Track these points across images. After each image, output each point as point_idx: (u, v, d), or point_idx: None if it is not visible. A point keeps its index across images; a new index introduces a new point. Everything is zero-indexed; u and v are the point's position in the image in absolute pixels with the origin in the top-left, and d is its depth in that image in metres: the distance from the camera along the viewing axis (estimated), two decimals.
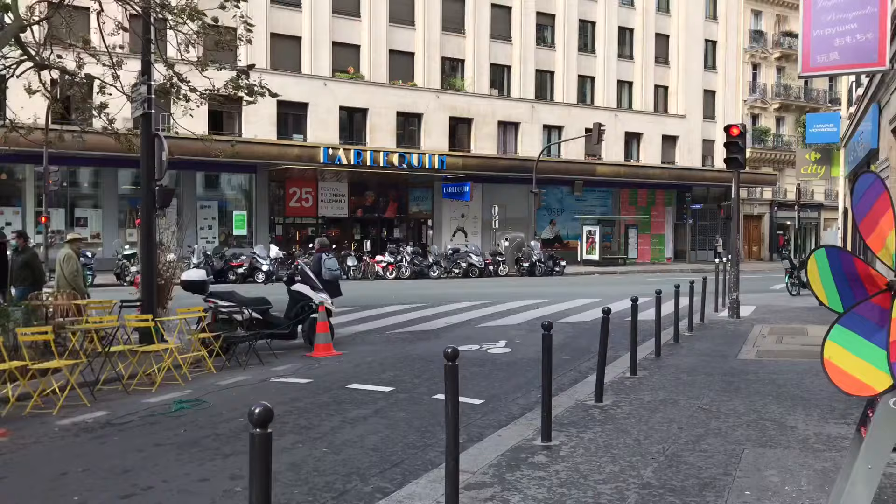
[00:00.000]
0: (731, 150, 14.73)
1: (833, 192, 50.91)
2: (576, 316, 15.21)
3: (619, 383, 8.06)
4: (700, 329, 13.07)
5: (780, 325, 13.63)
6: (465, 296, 19.59)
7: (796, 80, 48.98)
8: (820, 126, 17.13)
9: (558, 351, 10.76)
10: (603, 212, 41.19)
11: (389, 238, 35.06)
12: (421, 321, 13.87)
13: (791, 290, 21.30)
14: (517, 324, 13.75)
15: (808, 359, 9.65)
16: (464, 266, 30.10)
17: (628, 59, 42.47)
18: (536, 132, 38.82)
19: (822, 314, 15.67)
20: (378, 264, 28.50)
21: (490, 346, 10.90)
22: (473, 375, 8.73)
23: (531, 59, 38.80)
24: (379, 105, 34.30)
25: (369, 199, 34.73)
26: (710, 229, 44.64)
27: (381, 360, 9.80)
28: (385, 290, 21.71)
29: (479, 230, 37.01)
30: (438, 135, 35.84)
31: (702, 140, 45.05)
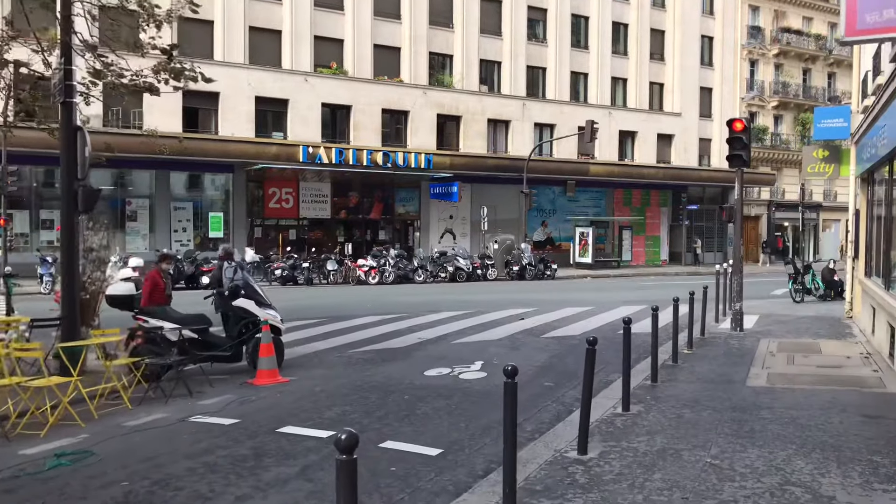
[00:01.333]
0: (734, 146, 13.40)
1: (832, 192, 49.66)
2: (564, 329, 13.86)
3: (608, 423, 6.71)
4: (701, 345, 11.73)
5: (788, 340, 12.30)
6: (447, 304, 18.23)
7: (795, 77, 47.76)
8: (828, 121, 15.81)
9: (540, 376, 9.43)
10: (596, 213, 39.85)
11: (375, 240, 33.69)
12: (392, 336, 12.49)
13: (795, 296, 20.00)
14: (498, 339, 12.39)
15: (828, 386, 8.32)
16: (451, 270, 28.73)
17: (622, 55, 41.14)
18: (527, 130, 37.46)
19: (831, 326, 14.37)
20: (360, 268, 27.11)
21: (463, 370, 9.53)
22: (437, 413, 7.37)
23: (522, 54, 37.44)
24: (363, 102, 32.91)
25: (353, 199, 33.33)
26: (707, 231, 43.33)
27: (332, 389, 8.42)
28: (363, 298, 20.34)
29: (468, 232, 35.63)
30: (425, 133, 34.46)
31: (698, 139, 43.75)
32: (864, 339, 12.15)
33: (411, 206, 34.78)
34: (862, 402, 7.54)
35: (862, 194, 14.71)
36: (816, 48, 48.01)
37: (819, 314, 16.70)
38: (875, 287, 11.36)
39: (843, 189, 50.48)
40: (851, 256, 15.86)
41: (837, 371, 9.35)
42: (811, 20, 48.53)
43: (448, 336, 12.59)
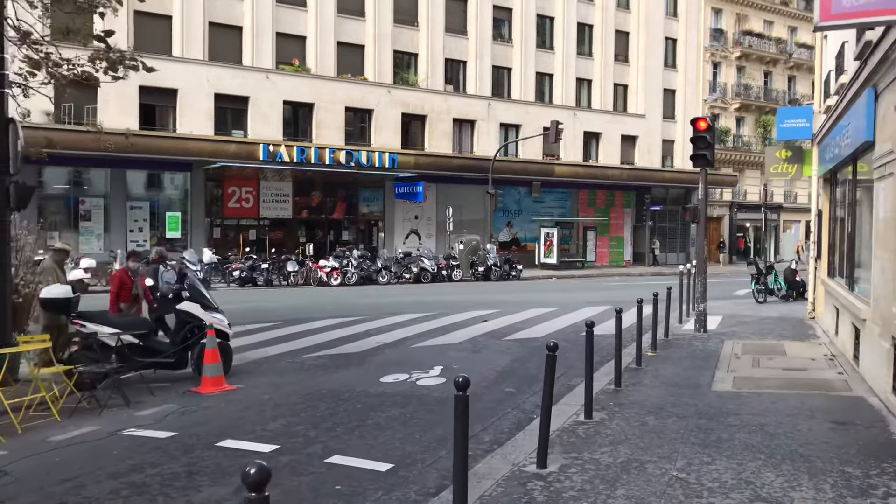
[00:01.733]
0: (698, 145, 13.22)
1: (793, 193, 50.33)
2: (527, 331, 13.55)
3: (570, 432, 6.37)
4: (665, 346, 11.51)
5: (753, 342, 12.14)
6: (410, 305, 17.83)
7: (756, 79, 48.28)
8: (791, 121, 15.75)
9: (501, 381, 9.09)
10: (561, 213, 39.77)
11: (338, 241, 33.14)
12: (349, 340, 12.05)
13: (757, 297, 20.00)
14: (459, 342, 12.02)
15: (795, 390, 8.10)
16: (415, 271, 28.32)
17: (587, 56, 41.14)
18: (493, 131, 37.22)
19: (794, 327, 14.29)
20: (321, 269, 26.57)
21: (421, 376, 9.14)
22: (390, 422, 6.96)
23: (487, 54, 37.20)
24: (326, 100, 32.33)
25: (316, 199, 32.71)
26: (670, 231, 43.57)
27: (281, 398, 7.96)
28: (323, 300, 19.83)
29: (433, 232, 35.25)
30: (390, 132, 34.00)
31: (661, 140, 43.96)
32: (828, 341, 12.04)
33: (375, 206, 34.30)
34: (829, 406, 7.33)
35: (824, 195, 14.66)
36: (777, 51, 48.62)
37: (782, 315, 16.66)
38: (838, 288, 11.24)
39: (803, 190, 51.23)
40: (814, 257, 15.83)
41: (803, 374, 9.17)
42: (772, 24, 49.14)
43: (408, 340, 12.19)
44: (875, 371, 7.88)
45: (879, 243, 8.01)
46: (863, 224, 9.94)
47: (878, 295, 7.98)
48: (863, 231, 9.94)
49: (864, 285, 9.67)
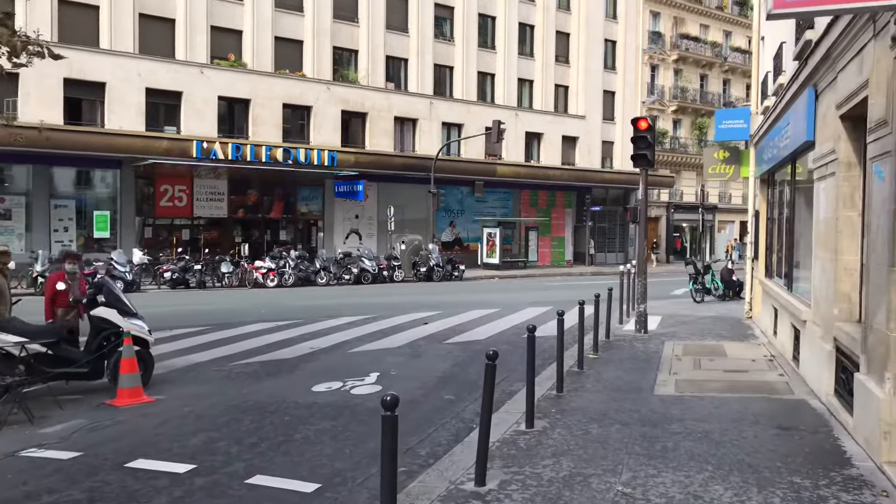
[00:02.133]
0: (638, 145, 13.13)
1: (727, 194, 51.52)
2: (468, 333, 13.23)
3: (511, 443, 6.05)
4: (606, 348, 11.35)
5: (693, 343, 12.09)
6: (349, 308, 17.33)
7: (692, 82, 49.25)
8: (729, 122, 15.88)
9: (440, 388, 8.72)
10: (504, 213, 39.74)
11: (275, 241, 32.30)
12: (282, 346, 11.51)
13: (695, 296, 20.19)
14: (398, 346, 11.61)
15: (737, 393, 7.97)
16: (355, 272, 27.76)
17: (529, 56, 41.21)
18: (435, 129, 36.90)
19: (733, 327, 14.36)
20: (257, 271, 25.76)
21: (356, 384, 8.70)
22: (319, 436, 6.52)
23: (429, 52, 36.85)
24: (263, 96, 31.48)
25: (252, 198, 31.80)
26: (609, 231, 44.02)
27: (203, 410, 7.42)
28: (257, 302, 19.15)
29: (374, 232, 34.72)
30: (329, 129, 33.33)
31: (601, 141, 44.38)
32: (766, 341, 12.08)
33: (314, 205, 33.57)
34: (773, 411, 7.21)
35: (761, 196, 14.79)
36: (713, 55, 49.70)
37: (720, 314, 16.78)
38: (777, 288, 11.26)
39: (737, 191, 52.52)
40: (751, 257, 15.98)
41: (744, 376, 9.09)
42: (708, 28, 50.21)
43: (344, 344, 11.72)
44: (816, 373, 7.81)
45: (820, 244, 7.95)
46: (802, 225, 9.95)
47: (819, 296, 7.92)
48: (802, 232, 9.95)
49: (803, 286, 9.66)
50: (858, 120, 6.92)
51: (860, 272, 6.98)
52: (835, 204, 7.22)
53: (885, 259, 5.26)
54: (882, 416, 5.11)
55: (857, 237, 6.99)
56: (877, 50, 5.57)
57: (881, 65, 5.47)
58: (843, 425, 6.40)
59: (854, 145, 7.01)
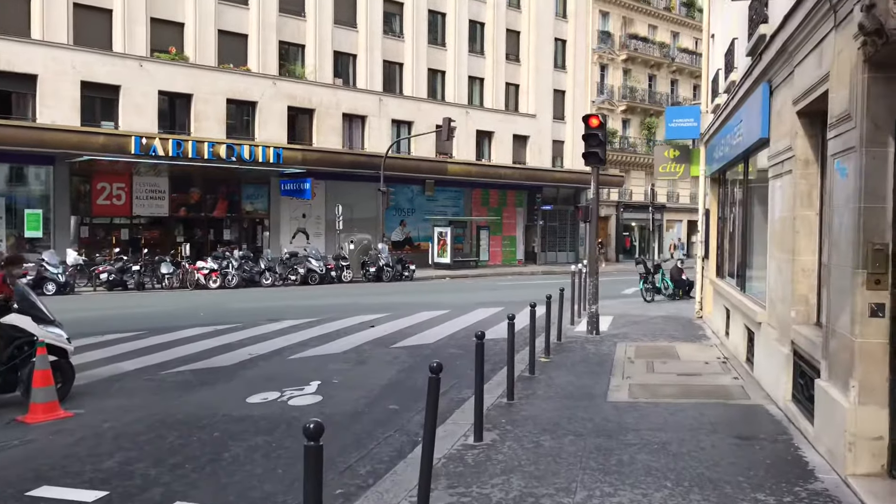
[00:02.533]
0: (590, 142, 12.86)
1: (675, 194, 52.19)
2: (417, 337, 12.79)
3: (458, 459, 5.63)
4: (558, 351, 11.04)
5: (645, 344, 11.88)
6: (293, 311, 16.71)
7: (641, 82, 49.71)
8: (679, 120, 15.78)
9: (385, 397, 8.25)
10: (455, 212, 39.42)
11: (219, 240, 31.34)
12: (219, 352, 10.88)
13: (645, 296, 20.13)
14: (343, 352, 11.09)
15: (692, 399, 7.71)
16: (302, 272, 27.04)
17: (479, 54, 40.97)
18: (385, 127, 36.33)
19: (684, 327, 14.24)
20: (199, 271, 24.86)
21: (295, 394, 8.17)
22: (250, 455, 5.99)
23: (378, 48, 36.26)
24: (206, 91, 30.49)
25: (195, 196, 30.77)
26: (560, 231, 44.12)
27: (125, 426, 6.81)
28: (198, 305, 18.37)
29: (322, 232, 33.99)
30: (276, 126, 32.49)
31: (552, 141, 44.44)
32: (719, 342, 11.94)
33: (260, 204, 32.68)
34: (730, 417, 6.95)
35: (712, 195, 14.70)
36: (661, 55, 50.25)
37: (670, 314, 16.69)
38: (729, 289, 11.11)
39: (685, 190, 53.26)
40: (701, 256, 15.91)
41: (699, 380, 8.85)
42: (656, 28, 50.76)
43: (285, 350, 11.14)
44: (773, 377, 7.59)
45: (775, 244, 7.74)
46: (755, 224, 9.78)
47: (775, 297, 7.71)
48: (755, 231, 9.78)
49: (757, 287, 9.49)
50: (816, 116, 6.70)
51: (818, 273, 6.77)
52: (791, 203, 7.00)
53: (849, 260, 5.00)
54: (847, 427, 4.85)
55: (814, 237, 6.77)
56: (838, 41, 5.32)
57: (843, 56, 5.21)
58: (802, 434, 6.16)
59: (811, 142, 6.79)
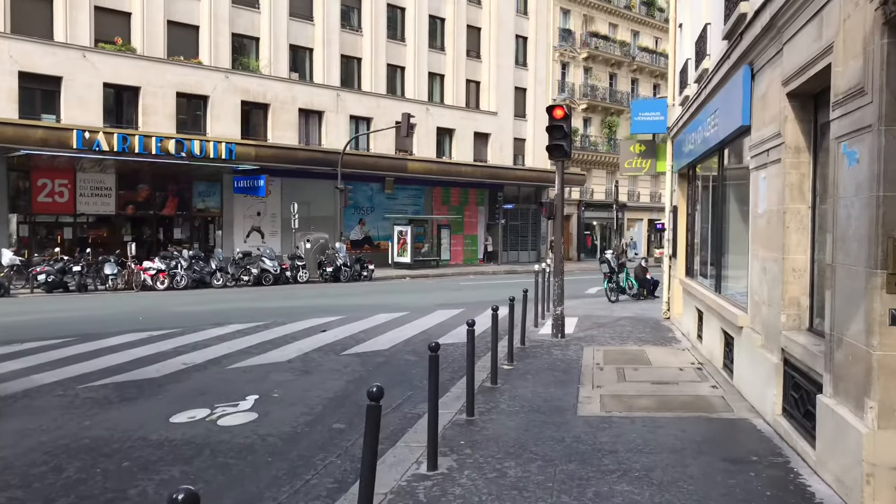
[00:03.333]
0: (554, 135, 12.13)
1: (636, 192, 52.06)
2: (371, 342, 11.92)
3: (408, 495, 4.80)
4: (522, 356, 10.29)
5: (614, 349, 11.19)
6: (241, 313, 15.70)
7: (602, 81, 49.43)
8: (646, 114, 15.18)
9: (330, 413, 7.35)
10: (415, 211, 38.56)
11: (170, 239, 30.02)
12: (151, 361, 9.87)
13: (610, 295, 19.54)
14: (289, 360, 10.17)
15: (671, 412, 7.00)
16: (255, 272, 25.92)
17: (440, 50, 40.15)
18: (343, 123, 35.29)
19: (653, 329, 13.62)
20: (145, 272, 23.60)
21: (228, 411, 7.24)
22: (162, 490, 5.04)
23: (336, 42, 35.20)
24: (154, 84, 29.14)
25: (143, 193, 29.39)
26: (522, 229, 43.54)
27: (18, 455, 5.80)
28: (139, 308, 17.22)
29: (278, 230, 32.83)
30: (228, 121, 31.25)
31: (513, 139, 43.85)
32: (690, 345, 11.31)
33: (212, 202, 31.40)
34: (715, 435, 6.24)
35: (680, 191, 14.11)
36: (621, 54, 50.05)
37: (637, 315, 16.10)
38: (703, 290, 10.46)
39: (645, 189, 53.21)
40: (668, 255, 15.34)
41: (675, 389, 8.16)
42: (616, 27, 50.54)
43: (225, 359, 10.17)
44: (759, 388, 6.91)
45: (759, 241, 7.07)
46: (732, 220, 9.14)
47: (759, 300, 7.04)
48: (732, 228, 9.14)
49: (735, 287, 8.85)
50: (808, 98, 6.04)
51: (811, 273, 6.10)
52: (780, 195, 6.32)
53: (863, 259, 4.30)
54: (864, 455, 4.14)
55: (806, 233, 6.10)
56: (846, 6, 4.62)
57: (852, 22, 4.51)
58: (800, 456, 5.47)
59: (803, 127, 6.12)
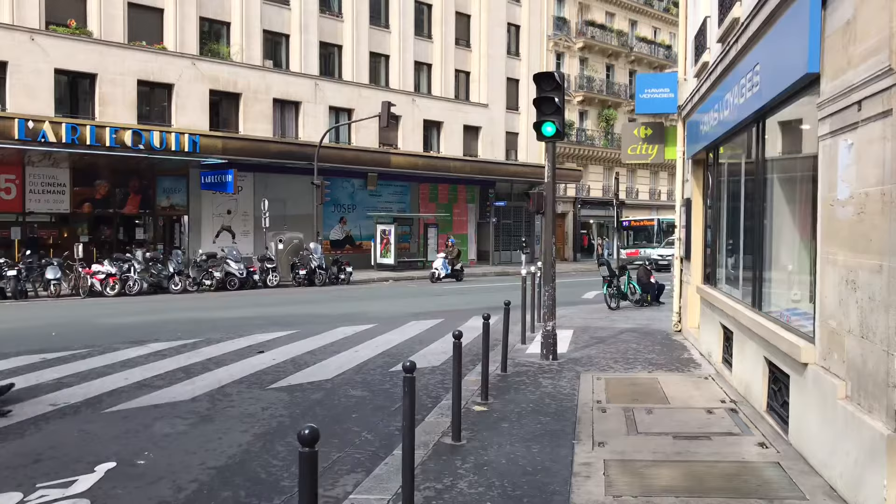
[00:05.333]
0: (544, 108, 9.81)
1: (635, 189, 49.74)
2: (314, 368, 9.58)
3: None
4: (501, 390, 8.01)
5: (619, 376, 8.89)
6: (175, 327, 13.36)
7: (599, 72, 47.14)
8: (653, 90, 12.87)
9: (215, 492, 5.03)
10: (400, 209, 36.19)
11: (131, 240, 27.65)
12: (10, 401, 7.50)
13: (610, 302, 17.25)
14: (194, 397, 7.82)
15: (713, 498, 4.67)
16: (218, 276, 23.55)
17: (426, 38, 37.80)
18: (322, 114, 32.92)
19: (662, 346, 11.32)
20: (94, 276, 21.22)
21: (50, 494, 4.90)
22: None
23: (314, 28, 32.82)
24: (113, 70, 26.77)
25: (101, 189, 27.02)
26: (515, 228, 41.17)
27: None
28: (66, 319, 14.86)
29: (251, 230, 30.47)
30: (196, 111, 28.89)
31: (505, 132, 41.51)
32: (714, 371, 9.01)
33: (178, 199, 29.00)
34: None
35: (695, 180, 11.80)
36: (619, 44, 47.75)
37: (642, 326, 13.81)
38: (732, 303, 8.15)
39: (644, 186, 50.90)
40: (679, 257, 13.04)
41: (708, 449, 5.83)
42: (613, 16, 48.26)
43: (111, 396, 7.79)
44: (844, 463, 4.59)
45: (839, 241, 4.76)
46: (778, 212, 6.83)
47: (839, 328, 4.73)
48: (778, 223, 6.83)
49: (783, 301, 6.54)
50: None
51: None
52: (888, 168, 4.01)
53: None
54: None
55: None
56: None
57: None
58: None
59: None
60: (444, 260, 28.12)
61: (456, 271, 28.16)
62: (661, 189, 51.94)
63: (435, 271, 27.76)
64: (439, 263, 28.03)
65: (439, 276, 27.56)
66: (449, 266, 27.90)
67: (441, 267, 27.89)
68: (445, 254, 28.79)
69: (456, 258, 28.60)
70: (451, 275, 27.93)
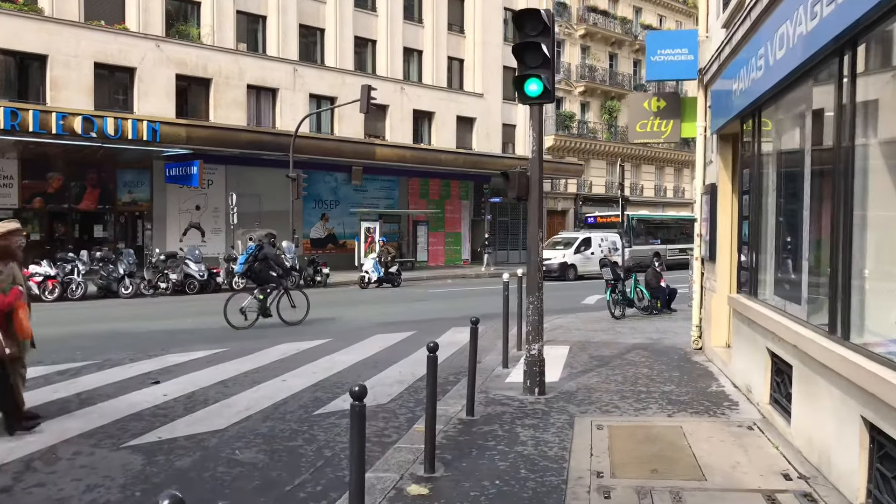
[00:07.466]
0: (528, 59, 7.33)
1: (639, 186, 47.18)
2: (211, 409, 7.11)
3: None
4: (459, 449, 5.56)
5: (626, 423, 6.42)
6: (82, 343, 10.98)
7: (601, 61, 44.64)
8: (667, 52, 10.40)
9: None
10: (388, 205, 33.71)
11: (90, 238, 25.23)
12: None
13: (614, 310, 14.78)
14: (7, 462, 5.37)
15: None
16: (174, 278, 21.09)
17: (417, 22, 35.31)
18: (301, 102, 30.47)
19: (681, 371, 8.73)
20: (31, 279, 18.75)
21: None
22: None
23: (293, 8, 30.35)
24: (67, 52, 24.36)
25: (54, 183, 24.60)
26: (512, 227, 38.70)
27: None
28: None
29: (222, 227, 28.00)
30: (160, 98, 26.47)
31: (501, 124, 39.00)
32: (759, 416, 6.52)
33: (141, 193, 26.56)
34: None
35: (722, 162, 9.30)
36: (622, 32, 45.22)
37: (654, 341, 11.34)
38: (792, 324, 5.64)
39: (649, 182, 48.32)
40: (700, 258, 10.55)
41: None
42: (617, 2, 45.76)
43: None
44: None
45: None
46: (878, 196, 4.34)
47: None
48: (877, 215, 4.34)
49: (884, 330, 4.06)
50: None
51: None
52: None
53: None
54: None
55: None
56: None
57: None
58: None
59: None
60: (376, 261, 24.31)
61: (391, 275, 24.33)
62: (666, 185, 49.41)
63: (364, 275, 24.19)
64: (370, 265, 24.25)
65: (369, 280, 23.99)
66: (381, 268, 24.14)
67: (372, 269, 24.12)
68: (378, 254, 25.03)
69: (391, 259, 24.91)
70: (386, 279, 24.14)
